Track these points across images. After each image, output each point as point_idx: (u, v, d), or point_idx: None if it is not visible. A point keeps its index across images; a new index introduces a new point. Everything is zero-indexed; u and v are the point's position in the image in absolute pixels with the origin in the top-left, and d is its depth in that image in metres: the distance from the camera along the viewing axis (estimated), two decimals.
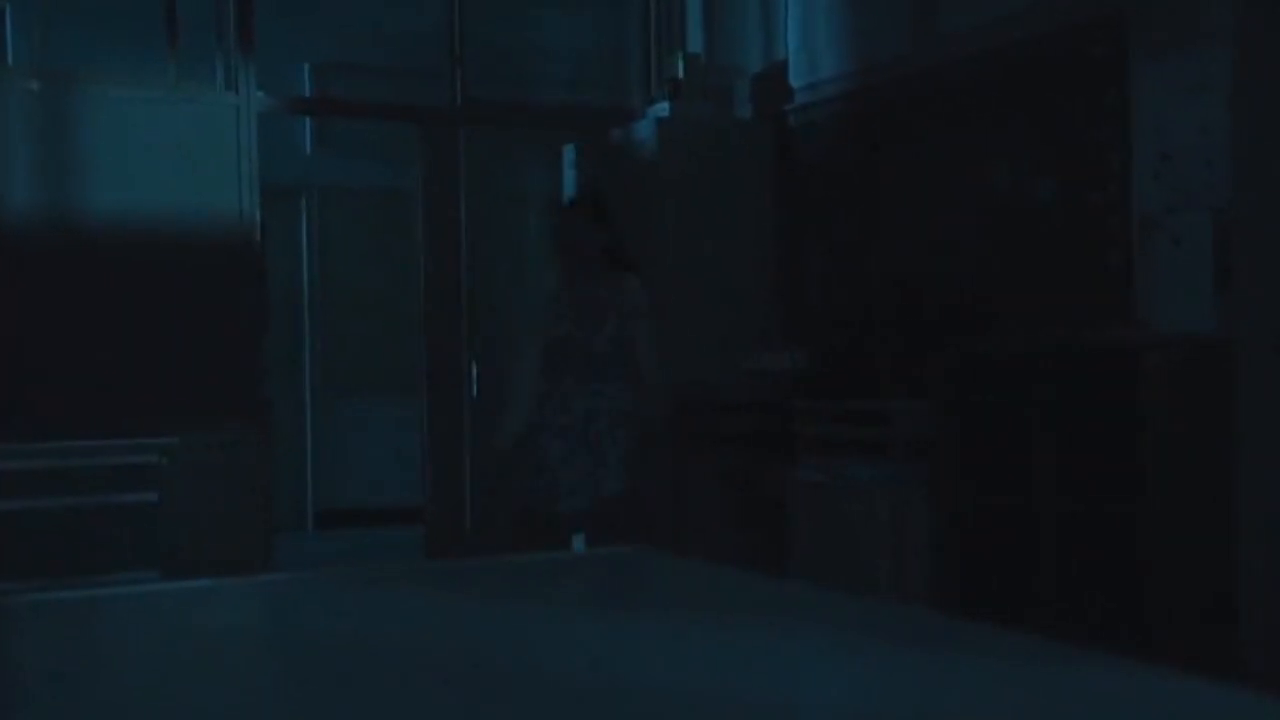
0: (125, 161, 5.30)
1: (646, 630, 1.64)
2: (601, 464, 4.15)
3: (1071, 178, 4.46)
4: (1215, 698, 1.26)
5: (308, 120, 8.38)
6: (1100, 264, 4.33)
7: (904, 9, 5.19)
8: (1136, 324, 4.16)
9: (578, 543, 4.08)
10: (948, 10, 4.99)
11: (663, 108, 5.95)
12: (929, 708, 1.29)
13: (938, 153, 5.02)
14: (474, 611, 1.80)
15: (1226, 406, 3.88)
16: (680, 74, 5.99)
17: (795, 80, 5.78)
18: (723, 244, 5.83)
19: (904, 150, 5.19)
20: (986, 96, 4.80)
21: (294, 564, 6.24)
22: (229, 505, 5.27)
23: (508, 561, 2.35)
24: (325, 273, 8.57)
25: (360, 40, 7.53)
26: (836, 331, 5.58)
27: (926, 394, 4.50)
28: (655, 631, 1.64)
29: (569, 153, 6.25)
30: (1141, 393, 3.84)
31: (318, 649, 1.61)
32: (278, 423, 7.33)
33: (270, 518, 5.57)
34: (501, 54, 6.70)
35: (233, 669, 1.55)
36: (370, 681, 1.41)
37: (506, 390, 4.34)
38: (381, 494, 8.15)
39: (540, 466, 4.19)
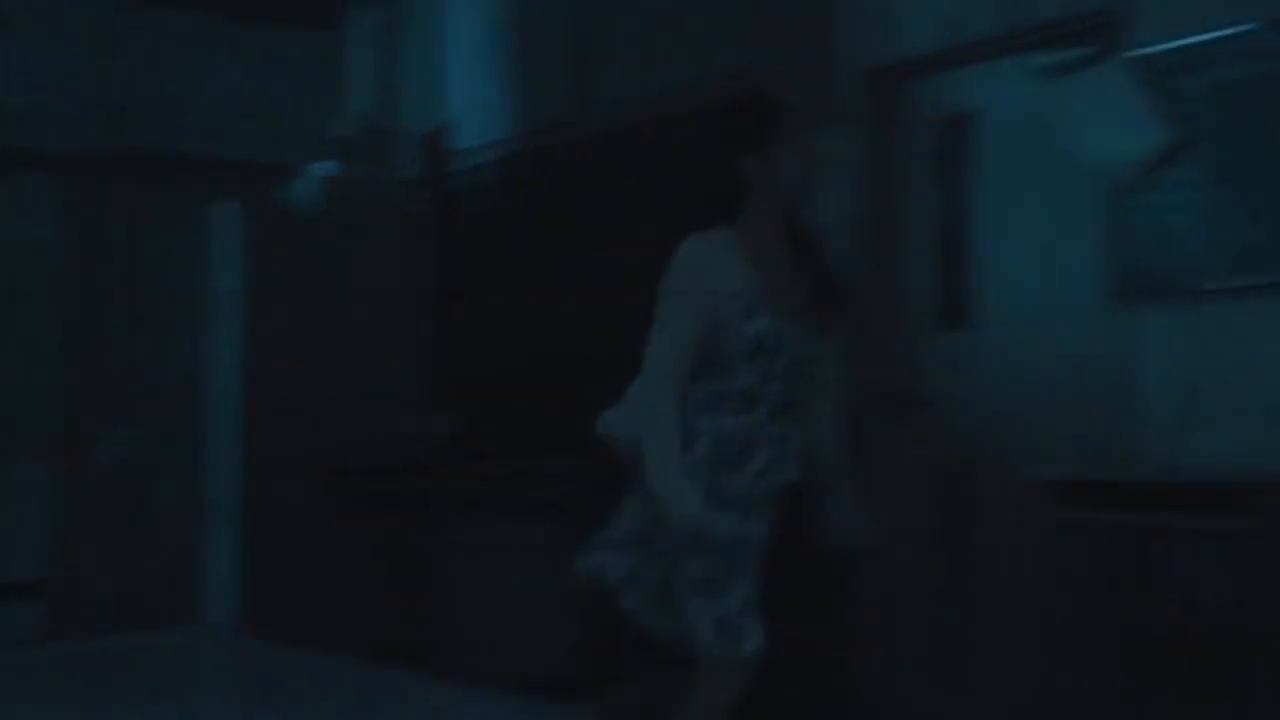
0: None
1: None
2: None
3: None
4: None
5: None
6: None
7: (566, 77, 5.29)
8: None
9: None
10: (606, 80, 5.12)
11: (329, 166, 5.88)
12: None
13: (595, 215, 5.10)
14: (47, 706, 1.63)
15: None
16: (347, 133, 5.95)
17: (460, 142, 5.79)
18: (383, 305, 5.85)
19: (563, 212, 5.26)
20: (641, 162, 4.93)
21: None
22: None
23: (83, 648, 2.15)
24: None
25: None
26: (494, 391, 5.55)
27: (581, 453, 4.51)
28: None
29: (226, 212, 6.03)
30: None
31: None
32: None
33: None
34: (160, 105, 6.38)
35: None
36: None
37: (643, 440, 2.70)
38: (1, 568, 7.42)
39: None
